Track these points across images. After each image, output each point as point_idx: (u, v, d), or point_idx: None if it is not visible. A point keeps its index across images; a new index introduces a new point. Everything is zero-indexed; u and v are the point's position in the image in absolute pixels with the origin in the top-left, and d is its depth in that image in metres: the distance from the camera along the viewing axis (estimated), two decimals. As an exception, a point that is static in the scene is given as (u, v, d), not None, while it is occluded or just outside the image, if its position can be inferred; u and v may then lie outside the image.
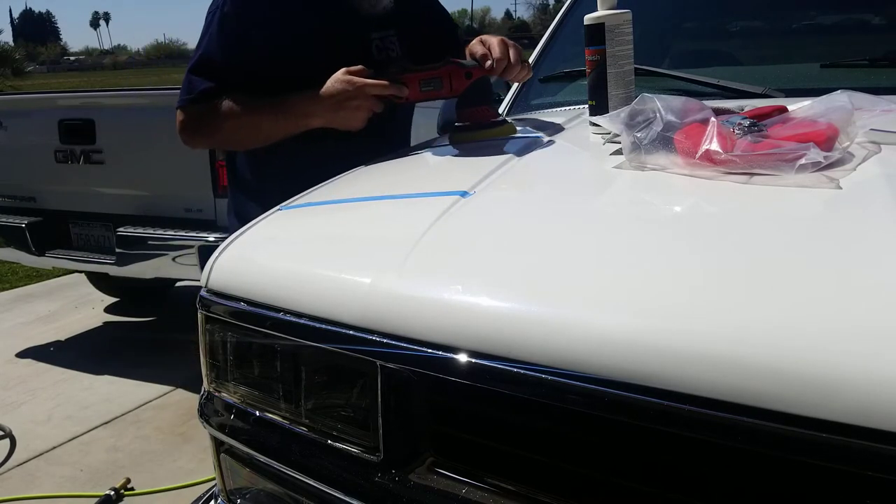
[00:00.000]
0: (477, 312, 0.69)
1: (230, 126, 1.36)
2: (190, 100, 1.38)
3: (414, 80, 1.30)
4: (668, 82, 1.51)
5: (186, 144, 1.44)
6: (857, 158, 0.89)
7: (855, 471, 0.53)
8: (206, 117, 1.38)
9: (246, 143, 1.42)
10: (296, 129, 1.34)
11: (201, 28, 1.42)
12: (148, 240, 3.01)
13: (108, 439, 2.66)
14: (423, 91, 1.31)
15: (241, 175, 1.53)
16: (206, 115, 1.37)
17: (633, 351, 0.60)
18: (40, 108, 3.52)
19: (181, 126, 1.42)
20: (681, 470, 0.62)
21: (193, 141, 1.46)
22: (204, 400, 0.97)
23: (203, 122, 1.39)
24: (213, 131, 1.40)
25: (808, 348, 0.55)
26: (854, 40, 1.68)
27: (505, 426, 0.71)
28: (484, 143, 1.36)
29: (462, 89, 1.33)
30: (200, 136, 1.44)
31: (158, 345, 3.57)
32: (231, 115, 1.35)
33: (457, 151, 1.33)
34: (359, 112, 1.29)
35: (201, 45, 1.39)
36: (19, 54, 41.01)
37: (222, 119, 1.35)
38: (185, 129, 1.42)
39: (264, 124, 1.35)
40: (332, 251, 0.91)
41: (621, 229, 0.83)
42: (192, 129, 1.42)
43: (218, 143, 1.46)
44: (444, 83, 1.31)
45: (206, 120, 1.38)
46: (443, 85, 1.31)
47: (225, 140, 1.45)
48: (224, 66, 1.36)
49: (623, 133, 1.00)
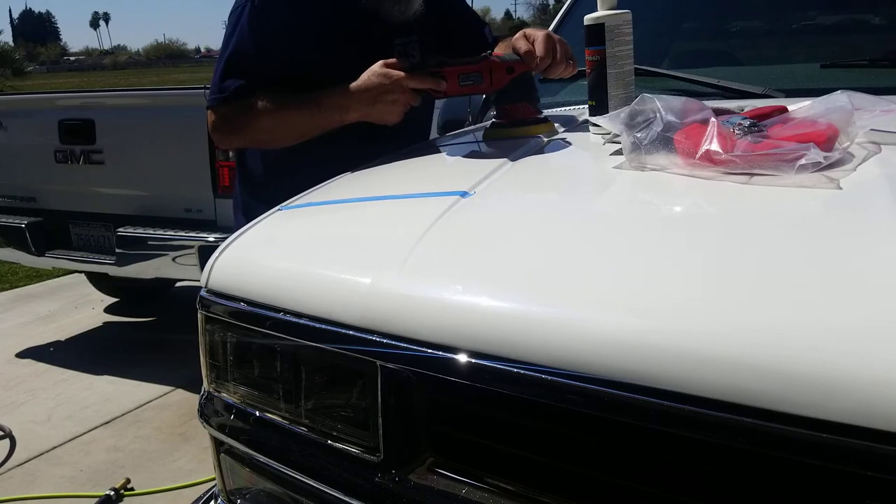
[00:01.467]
0: (477, 312, 0.70)
1: (265, 124, 1.34)
2: (222, 98, 1.35)
3: (453, 73, 1.26)
4: (668, 82, 1.51)
5: (220, 145, 1.44)
6: (857, 158, 0.89)
7: (855, 471, 0.53)
8: (240, 116, 1.35)
9: (281, 139, 1.38)
10: (332, 123, 1.32)
11: (201, 28, 1.45)
12: (148, 240, 3.01)
13: (108, 439, 2.66)
14: (461, 85, 1.27)
15: (252, 175, 1.52)
16: (240, 113, 1.35)
17: (633, 351, 0.60)
18: (40, 108, 3.52)
19: (214, 126, 1.40)
20: (681, 470, 0.62)
21: (227, 140, 1.44)
22: (204, 400, 0.97)
23: (237, 121, 1.37)
24: (247, 130, 1.37)
25: (808, 348, 0.55)
26: (854, 40, 1.68)
27: (505, 426, 0.71)
28: (484, 143, 1.36)
29: (503, 84, 1.29)
30: (234, 135, 1.41)
31: (158, 345, 3.57)
32: (266, 113, 1.33)
33: (457, 151, 1.33)
34: (395, 106, 1.28)
35: (230, 44, 1.37)
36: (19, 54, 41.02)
37: (257, 117, 1.33)
38: (218, 128, 1.40)
39: (300, 120, 1.33)
40: (332, 251, 0.91)
41: (621, 229, 0.83)
42: (226, 129, 1.39)
43: (252, 142, 1.42)
44: (483, 78, 1.28)
45: (240, 118, 1.36)
46: (482, 80, 1.28)
47: (259, 138, 1.41)
48: (256, 62, 1.34)
49: (623, 133, 1.00)
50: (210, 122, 1.39)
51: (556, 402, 0.64)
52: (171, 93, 3.43)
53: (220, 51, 1.41)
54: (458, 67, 1.27)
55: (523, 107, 1.32)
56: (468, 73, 1.27)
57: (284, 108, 1.33)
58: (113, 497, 2.22)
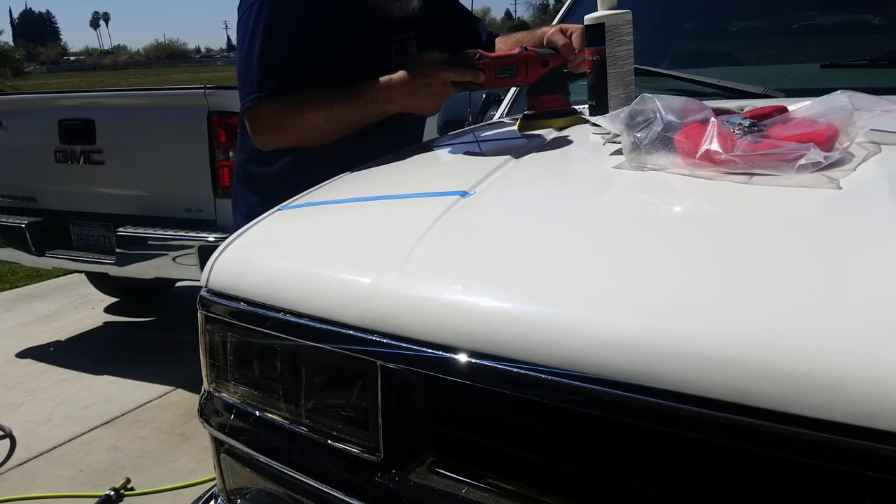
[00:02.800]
0: (477, 312, 0.70)
1: (314, 119, 1.32)
2: (266, 97, 1.32)
3: (490, 66, 1.29)
4: (668, 82, 1.51)
5: (265, 146, 1.38)
6: (857, 158, 0.89)
7: (855, 471, 0.53)
8: (287, 113, 1.32)
9: (328, 134, 1.35)
10: (376, 115, 1.33)
11: (201, 28, 1.45)
12: (148, 240, 3.01)
13: (108, 439, 2.66)
14: (498, 78, 1.30)
15: (253, 174, 1.50)
16: (287, 110, 1.32)
17: (633, 351, 0.60)
18: (40, 108, 3.51)
19: (259, 127, 1.35)
20: (681, 470, 0.62)
21: (274, 140, 1.38)
22: (204, 400, 0.97)
23: (285, 119, 1.33)
24: (295, 127, 1.33)
25: (808, 348, 0.55)
26: (854, 40, 1.68)
27: (505, 426, 0.71)
28: (484, 142, 1.36)
29: (537, 78, 1.32)
30: (283, 132, 1.35)
31: (158, 345, 3.57)
32: (312, 108, 1.31)
33: (457, 151, 1.33)
34: (436, 98, 1.32)
35: (255, 42, 1.33)
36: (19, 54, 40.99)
37: (304, 113, 1.31)
38: (264, 128, 1.35)
39: (346, 112, 1.32)
40: (332, 251, 0.91)
41: (621, 229, 0.83)
42: (272, 128, 1.35)
43: (298, 140, 1.37)
44: (519, 70, 1.30)
45: (288, 116, 1.32)
46: (518, 72, 1.30)
47: (307, 135, 1.35)
48: (290, 58, 1.33)
49: (623, 133, 1.00)
50: (252, 124, 1.35)
51: (556, 402, 0.64)
52: (171, 93, 3.43)
53: (240, 49, 1.37)
54: (496, 60, 1.30)
55: (555, 98, 1.35)
56: (505, 65, 1.30)
57: (332, 102, 1.32)
58: (113, 497, 2.22)
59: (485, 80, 1.29)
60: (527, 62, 1.30)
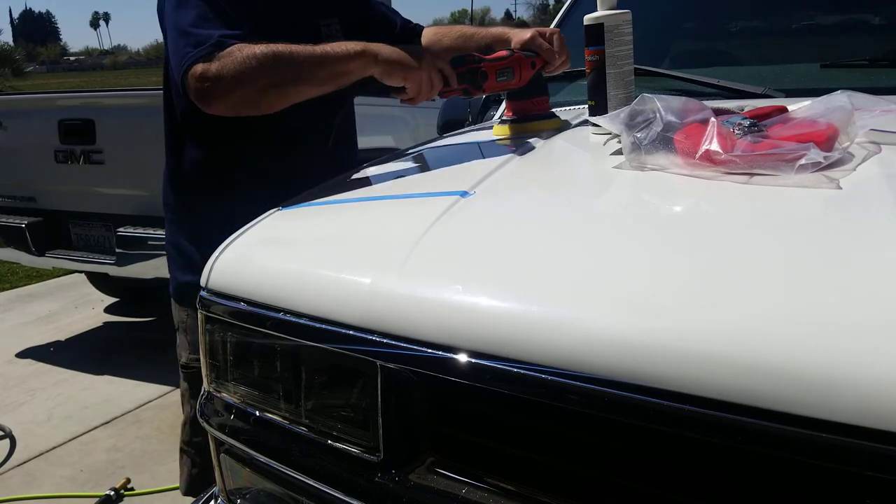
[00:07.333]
0: (477, 312, 0.70)
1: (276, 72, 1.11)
2: (213, 45, 1.10)
3: (492, 69, 1.25)
4: (668, 82, 1.51)
5: (213, 109, 1.14)
6: (857, 158, 0.89)
7: (855, 471, 0.53)
8: (242, 65, 1.09)
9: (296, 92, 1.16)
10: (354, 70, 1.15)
11: None
12: (148, 240, 3.01)
13: (108, 439, 2.66)
14: (498, 81, 1.26)
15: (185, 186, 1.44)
16: (242, 63, 1.09)
17: (633, 351, 0.60)
18: (40, 108, 3.51)
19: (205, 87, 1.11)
20: (681, 470, 0.62)
21: (226, 100, 1.13)
22: (204, 400, 0.97)
23: (240, 72, 1.09)
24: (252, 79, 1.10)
25: (808, 348, 0.55)
26: (854, 40, 1.68)
27: (505, 426, 0.71)
28: (483, 143, 1.36)
29: (527, 80, 1.30)
30: (238, 88, 1.11)
31: (159, 345, 3.56)
32: (273, 57, 1.11)
33: (457, 151, 1.33)
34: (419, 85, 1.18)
35: (187, 15, 1.16)
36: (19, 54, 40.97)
37: (263, 64, 1.10)
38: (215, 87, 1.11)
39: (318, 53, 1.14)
40: (332, 251, 0.91)
41: (621, 229, 0.83)
42: (225, 85, 1.10)
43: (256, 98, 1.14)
44: (514, 73, 1.28)
45: (244, 68, 1.09)
46: (513, 75, 1.28)
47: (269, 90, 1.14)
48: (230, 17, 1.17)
49: (623, 133, 1.00)
50: (200, 83, 1.11)
51: (555, 401, 0.64)
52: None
53: (172, 27, 1.19)
54: (496, 63, 1.26)
55: (539, 101, 1.34)
56: (503, 68, 1.26)
57: (294, 50, 1.12)
58: (113, 497, 2.22)
59: (487, 84, 1.25)
60: (520, 64, 1.28)
